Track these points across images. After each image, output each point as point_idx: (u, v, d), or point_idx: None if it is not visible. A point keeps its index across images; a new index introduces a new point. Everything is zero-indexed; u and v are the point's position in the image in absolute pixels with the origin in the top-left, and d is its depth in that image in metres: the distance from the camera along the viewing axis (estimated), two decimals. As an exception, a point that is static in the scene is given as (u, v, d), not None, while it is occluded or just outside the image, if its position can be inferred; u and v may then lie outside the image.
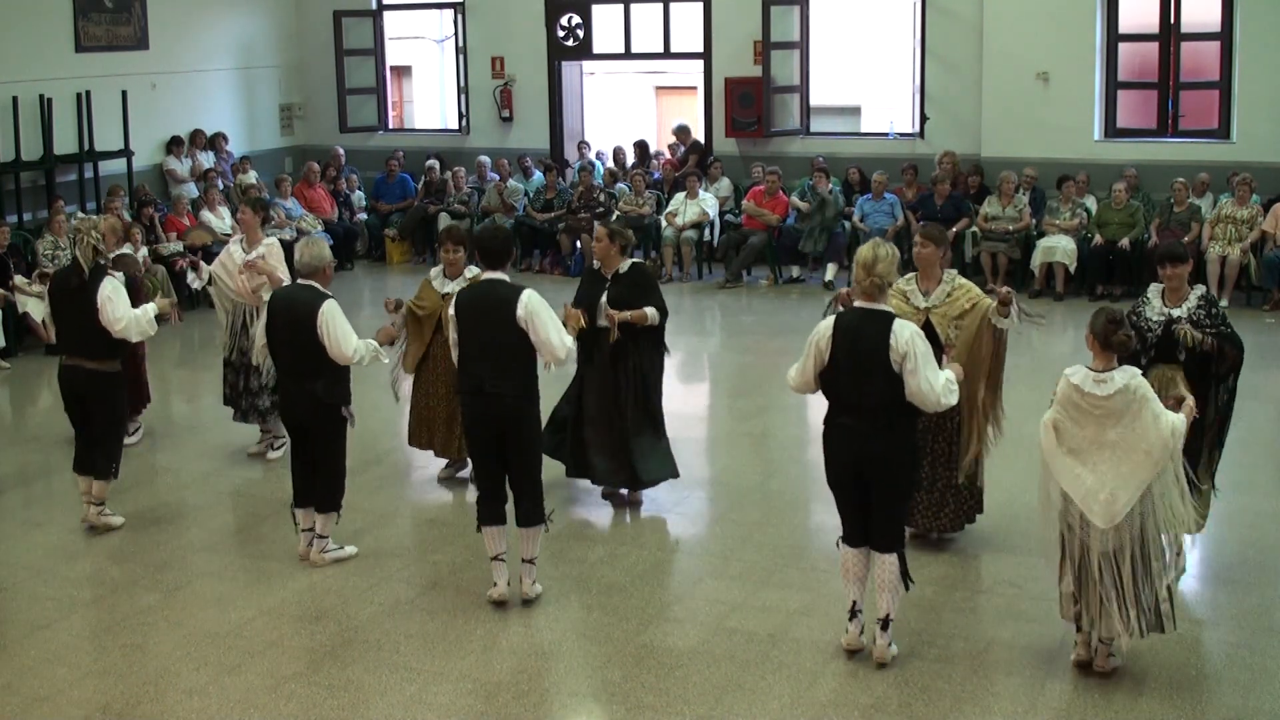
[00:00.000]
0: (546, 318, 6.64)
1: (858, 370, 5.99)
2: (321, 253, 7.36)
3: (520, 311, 6.58)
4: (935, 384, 5.92)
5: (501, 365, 6.63)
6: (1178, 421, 5.78)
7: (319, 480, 7.37)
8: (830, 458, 6.19)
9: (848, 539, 6.26)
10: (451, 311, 6.88)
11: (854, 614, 6.28)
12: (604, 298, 7.96)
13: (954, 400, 6.05)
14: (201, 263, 9.56)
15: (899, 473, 6.11)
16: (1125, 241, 14.01)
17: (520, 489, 6.82)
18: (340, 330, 7.13)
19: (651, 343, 8.14)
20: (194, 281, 9.71)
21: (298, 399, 7.28)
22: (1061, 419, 5.89)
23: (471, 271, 8.23)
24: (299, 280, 7.36)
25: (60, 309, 7.83)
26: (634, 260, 8.25)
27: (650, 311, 7.98)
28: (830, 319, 6.16)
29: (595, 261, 8.20)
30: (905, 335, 5.92)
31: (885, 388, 5.93)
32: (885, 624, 6.18)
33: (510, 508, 6.87)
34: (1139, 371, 5.87)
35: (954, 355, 6.89)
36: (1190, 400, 6.11)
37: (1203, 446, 6.86)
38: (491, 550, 6.89)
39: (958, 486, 7.32)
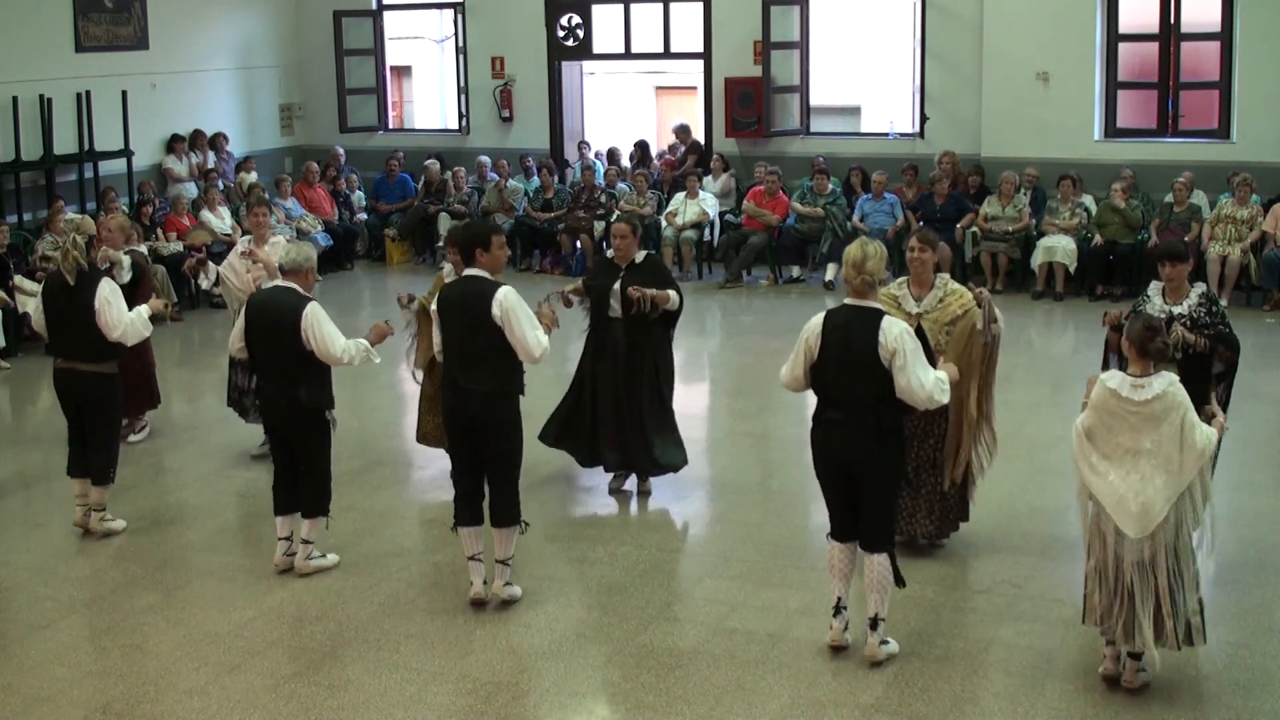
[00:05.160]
0: (522, 315, 6.57)
1: (847, 367, 5.99)
2: (309, 253, 7.27)
3: (495, 310, 6.52)
4: (925, 381, 5.91)
5: (476, 361, 6.59)
6: (1210, 435, 5.73)
7: (304, 486, 7.24)
8: (818, 453, 6.20)
9: (835, 534, 6.26)
10: (434, 308, 6.88)
11: (838, 610, 6.28)
12: (616, 284, 8.02)
13: (945, 399, 6.04)
14: (210, 263, 9.54)
15: (887, 470, 6.10)
16: (1126, 241, 14.01)
17: (495, 488, 6.75)
18: (325, 331, 7.03)
19: (663, 333, 8.20)
20: (203, 282, 9.69)
21: (279, 403, 7.16)
22: (1095, 425, 5.81)
23: None
24: (279, 282, 7.25)
25: (54, 312, 7.75)
26: (647, 251, 8.29)
27: (672, 294, 8.04)
28: (820, 315, 6.16)
29: (610, 251, 8.22)
30: (894, 332, 5.92)
31: (874, 384, 5.94)
32: (874, 623, 6.18)
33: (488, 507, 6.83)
34: (1176, 378, 5.77)
35: (946, 360, 6.86)
36: (1221, 417, 6.03)
37: None
38: (467, 550, 6.86)
39: (944, 493, 7.26)
